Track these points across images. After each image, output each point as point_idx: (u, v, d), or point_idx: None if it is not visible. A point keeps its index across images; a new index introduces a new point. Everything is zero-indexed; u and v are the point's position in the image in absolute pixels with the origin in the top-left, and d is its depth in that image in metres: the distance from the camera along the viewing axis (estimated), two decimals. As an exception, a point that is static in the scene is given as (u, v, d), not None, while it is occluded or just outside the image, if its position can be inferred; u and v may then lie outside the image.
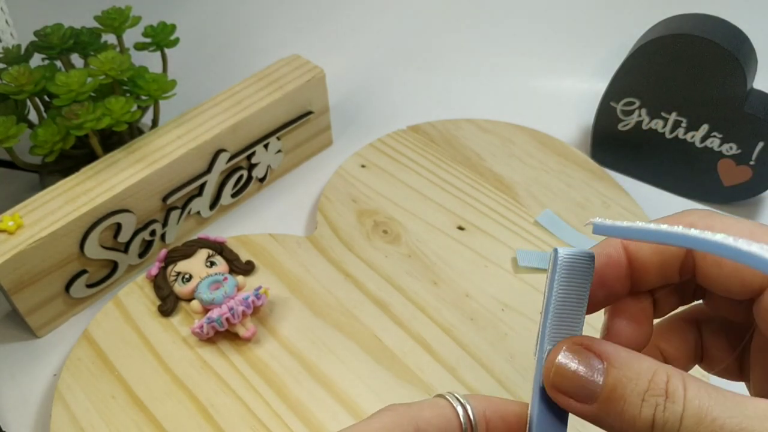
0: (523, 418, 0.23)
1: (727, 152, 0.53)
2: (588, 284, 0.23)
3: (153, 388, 0.43)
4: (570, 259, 0.22)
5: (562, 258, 0.22)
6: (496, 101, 0.65)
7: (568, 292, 0.22)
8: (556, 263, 0.22)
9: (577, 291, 0.22)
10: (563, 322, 0.23)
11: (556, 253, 0.22)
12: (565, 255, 0.22)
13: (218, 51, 0.71)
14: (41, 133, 0.47)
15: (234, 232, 0.53)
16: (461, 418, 0.23)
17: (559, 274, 0.22)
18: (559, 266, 0.22)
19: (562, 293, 0.22)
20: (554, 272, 0.22)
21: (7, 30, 0.62)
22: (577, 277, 0.22)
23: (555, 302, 0.22)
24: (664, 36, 0.51)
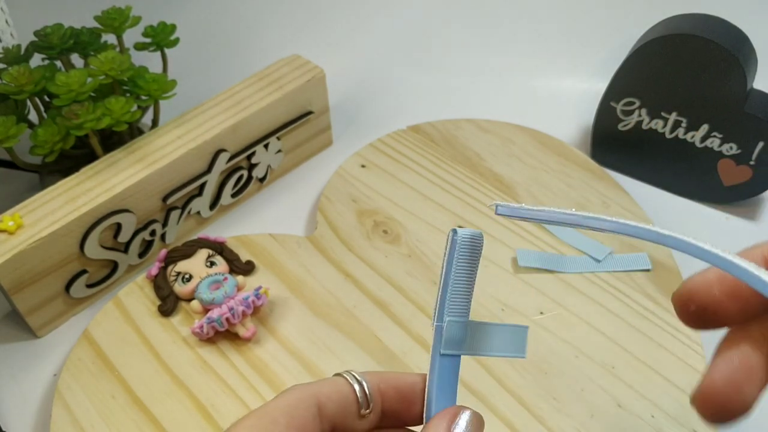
0: (416, 386, 0.26)
1: (727, 152, 0.53)
2: (477, 261, 0.25)
3: (153, 388, 0.43)
4: (467, 239, 0.25)
5: (461, 238, 0.25)
6: (496, 101, 0.65)
7: (463, 269, 0.25)
8: (454, 243, 0.25)
9: (470, 267, 0.25)
10: (459, 295, 0.25)
11: (455, 233, 0.25)
12: (463, 235, 0.25)
13: (218, 51, 0.71)
14: (41, 133, 0.47)
15: (234, 232, 0.53)
16: (357, 393, 0.25)
17: (458, 252, 0.25)
18: (458, 245, 0.25)
19: (459, 270, 0.25)
20: (453, 250, 0.25)
21: (7, 30, 0.62)
22: (471, 255, 0.25)
23: (453, 278, 0.25)
24: (664, 36, 0.51)
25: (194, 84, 0.59)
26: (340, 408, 0.25)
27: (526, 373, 0.43)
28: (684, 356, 0.44)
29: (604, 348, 0.44)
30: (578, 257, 0.50)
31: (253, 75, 0.55)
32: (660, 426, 0.40)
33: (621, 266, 0.49)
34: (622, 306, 0.47)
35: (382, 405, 0.26)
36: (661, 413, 0.41)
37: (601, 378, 0.43)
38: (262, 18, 0.73)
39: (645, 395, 0.42)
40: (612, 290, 0.48)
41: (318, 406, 0.24)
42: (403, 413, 0.26)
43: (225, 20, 0.74)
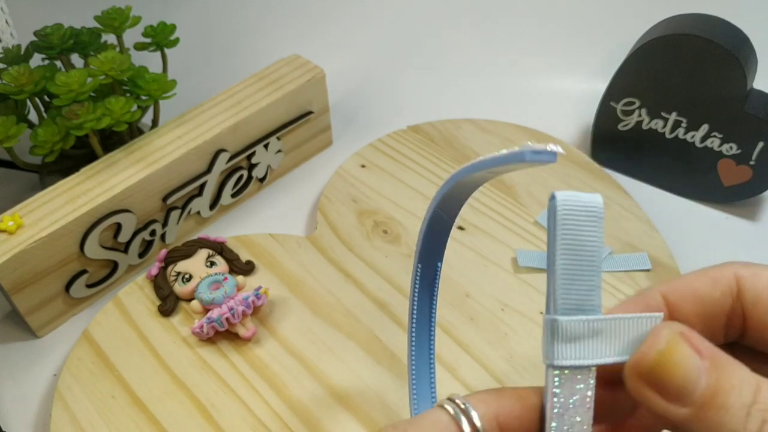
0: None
1: (727, 152, 0.53)
2: (600, 236, 0.18)
3: (153, 388, 0.43)
4: (572, 205, 0.18)
5: (561, 204, 0.18)
6: (496, 101, 0.65)
7: (572, 246, 0.18)
8: (554, 212, 0.18)
9: (588, 245, 0.18)
10: (573, 282, 0.18)
11: (553, 198, 0.18)
12: (564, 201, 0.18)
13: (218, 51, 0.71)
14: (41, 133, 0.47)
15: (234, 232, 0.53)
16: (464, 428, 0.20)
17: (560, 225, 0.18)
18: (558, 216, 0.18)
19: (565, 248, 0.18)
20: (554, 223, 0.18)
21: (7, 30, 0.62)
22: (584, 227, 0.18)
23: (560, 261, 0.18)
24: (664, 36, 0.51)
25: (194, 84, 0.59)
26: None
27: (526, 373, 0.43)
28: (684, 356, 0.44)
29: (604, 348, 0.44)
30: (578, 257, 0.50)
31: (253, 75, 0.55)
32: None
33: (621, 266, 0.49)
34: (622, 306, 0.47)
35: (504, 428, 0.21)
36: (661, 413, 0.41)
37: (601, 378, 0.43)
38: (262, 18, 0.73)
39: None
40: (612, 290, 0.48)
41: None
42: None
43: (225, 20, 0.74)
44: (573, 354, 0.19)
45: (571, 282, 0.19)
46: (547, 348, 0.19)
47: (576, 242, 0.18)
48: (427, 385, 0.29)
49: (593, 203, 0.19)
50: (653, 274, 0.49)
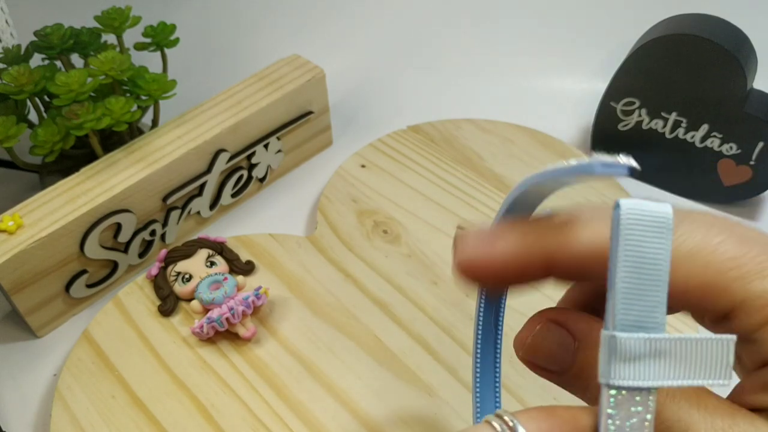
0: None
1: (727, 152, 0.53)
2: (667, 249, 0.17)
3: (153, 388, 0.43)
4: (638, 215, 0.17)
5: (625, 214, 0.17)
6: (496, 101, 0.65)
7: (636, 258, 0.17)
8: (617, 222, 0.17)
9: (654, 259, 0.17)
10: (635, 303, 0.17)
11: (618, 207, 0.17)
12: (629, 210, 0.17)
13: (218, 51, 0.71)
14: (41, 133, 0.47)
15: (234, 232, 0.53)
16: None
17: (623, 236, 0.17)
18: (622, 226, 0.17)
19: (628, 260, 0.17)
20: (617, 233, 0.17)
21: (7, 30, 0.62)
22: (650, 239, 0.17)
23: (621, 274, 0.17)
24: (664, 36, 0.51)
25: (194, 84, 0.59)
26: None
27: (526, 373, 0.43)
28: (684, 356, 0.44)
29: (604, 348, 0.44)
30: (578, 257, 0.50)
31: (253, 75, 0.55)
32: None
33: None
34: (622, 306, 0.47)
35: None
36: (661, 413, 0.41)
37: (601, 378, 0.43)
38: (262, 18, 0.73)
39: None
40: (612, 290, 0.48)
41: None
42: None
43: (225, 20, 0.74)
44: (632, 374, 0.18)
45: (633, 298, 0.18)
46: (603, 366, 0.18)
47: (640, 255, 0.18)
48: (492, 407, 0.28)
49: (662, 214, 0.18)
50: (653, 274, 0.48)
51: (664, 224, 0.18)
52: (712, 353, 0.18)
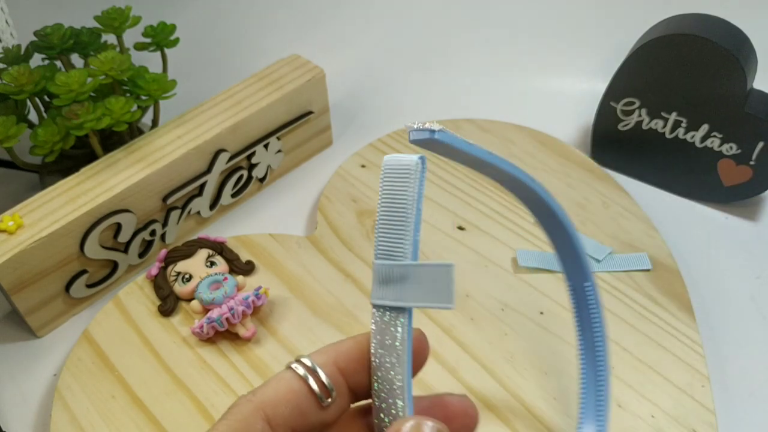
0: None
1: (727, 152, 0.53)
2: (409, 191, 0.21)
3: (153, 388, 0.43)
4: (392, 164, 0.21)
5: (384, 165, 0.21)
6: (496, 101, 0.65)
7: (390, 202, 0.21)
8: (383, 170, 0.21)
9: (400, 199, 0.21)
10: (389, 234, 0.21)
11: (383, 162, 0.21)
12: (387, 162, 0.21)
13: (218, 51, 0.71)
14: (41, 133, 0.47)
15: (234, 232, 0.53)
16: (312, 385, 0.22)
17: (382, 181, 0.21)
18: (382, 174, 0.21)
19: (385, 203, 0.21)
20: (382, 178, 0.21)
21: (7, 30, 0.62)
22: (398, 183, 0.21)
23: (380, 214, 0.21)
24: (664, 36, 0.51)
25: (194, 84, 0.59)
26: (295, 409, 0.22)
27: (526, 373, 0.43)
28: (684, 356, 0.44)
29: (604, 348, 0.44)
30: (578, 257, 0.50)
31: (253, 75, 0.55)
32: (660, 426, 0.40)
33: (621, 266, 0.49)
34: (622, 306, 0.47)
35: (348, 383, 0.23)
36: (661, 413, 0.41)
37: (601, 378, 0.43)
38: (262, 18, 0.73)
39: (645, 395, 0.42)
40: (612, 290, 0.48)
41: (266, 419, 0.21)
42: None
43: (225, 20, 0.74)
44: (386, 295, 0.21)
45: (386, 231, 0.21)
46: (372, 291, 0.21)
47: (391, 196, 0.21)
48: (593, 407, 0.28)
49: (407, 161, 0.21)
50: (653, 274, 0.48)
51: (409, 170, 0.21)
52: (438, 278, 0.21)
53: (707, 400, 0.41)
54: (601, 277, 0.48)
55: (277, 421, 0.22)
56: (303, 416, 0.22)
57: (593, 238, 0.51)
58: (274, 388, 0.22)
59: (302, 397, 0.22)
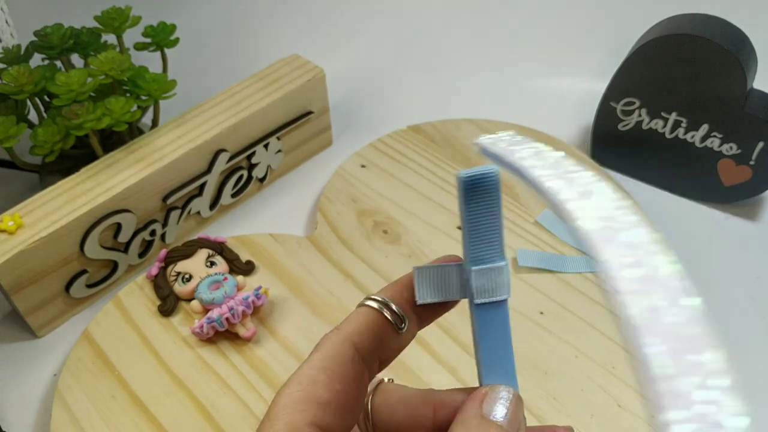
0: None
1: (727, 152, 0.53)
2: (494, 200, 0.23)
3: (153, 388, 0.43)
4: (471, 181, 0.23)
5: (463, 182, 0.23)
6: (496, 101, 0.65)
7: (477, 213, 0.23)
8: (460, 188, 0.23)
9: (487, 209, 0.23)
10: (480, 241, 0.23)
11: (459, 177, 0.23)
12: (466, 177, 0.23)
13: (218, 51, 0.71)
14: (41, 133, 0.47)
15: (234, 232, 0.53)
16: (388, 317, 0.25)
17: (465, 197, 0.23)
18: (463, 190, 0.23)
19: (472, 215, 0.23)
20: (461, 196, 0.23)
21: (7, 30, 0.62)
22: (483, 196, 0.23)
23: (468, 225, 0.23)
24: (664, 36, 0.51)
25: (194, 84, 0.59)
26: (377, 338, 0.25)
27: (526, 373, 0.43)
28: (684, 356, 0.44)
29: (604, 348, 0.44)
30: (578, 257, 0.50)
31: (253, 75, 0.55)
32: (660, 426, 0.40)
33: (621, 266, 0.49)
34: (622, 306, 0.47)
35: (416, 311, 0.26)
36: (661, 413, 0.41)
37: (601, 378, 0.43)
38: (262, 18, 0.73)
39: (645, 395, 0.42)
40: (612, 290, 0.48)
41: (354, 348, 0.24)
42: (439, 308, 0.26)
43: (225, 20, 0.74)
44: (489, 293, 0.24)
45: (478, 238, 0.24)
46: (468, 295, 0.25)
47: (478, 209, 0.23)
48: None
49: (490, 173, 0.23)
50: (653, 274, 0.48)
51: (495, 181, 0.23)
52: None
53: (707, 400, 0.41)
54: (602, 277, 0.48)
55: (363, 348, 0.24)
56: (383, 343, 0.25)
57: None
58: (356, 321, 0.25)
59: (381, 327, 0.25)
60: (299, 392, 0.22)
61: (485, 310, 0.24)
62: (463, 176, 0.23)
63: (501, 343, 0.25)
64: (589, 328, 0.46)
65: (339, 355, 0.24)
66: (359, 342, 0.24)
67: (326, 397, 0.22)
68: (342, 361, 0.23)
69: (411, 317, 0.25)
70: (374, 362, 0.25)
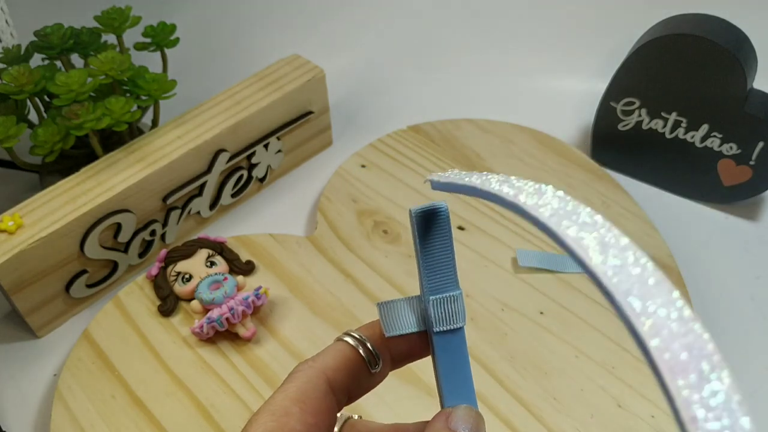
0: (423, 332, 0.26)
1: (727, 152, 0.53)
2: (448, 231, 0.24)
3: (153, 388, 0.43)
4: (421, 215, 0.24)
5: (415, 216, 0.24)
6: (496, 101, 0.65)
7: (429, 244, 0.24)
8: (412, 221, 0.24)
9: (439, 239, 0.24)
10: (435, 271, 0.25)
11: (411, 212, 0.24)
12: (417, 212, 0.24)
13: (218, 51, 0.71)
14: (41, 133, 0.47)
15: (234, 232, 0.53)
16: (363, 354, 0.25)
17: (417, 230, 0.24)
18: (415, 223, 0.24)
19: (425, 246, 0.24)
20: (413, 229, 0.24)
21: (7, 30, 0.62)
22: (434, 228, 0.24)
23: (422, 256, 0.24)
24: (664, 36, 0.51)
25: (194, 84, 0.59)
26: (351, 375, 0.25)
27: (526, 373, 0.43)
28: (684, 356, 0.44)
29: (604, 348, 0.44)
30: (578, 257, 0.50)
31: (253, 75, 0.55)
32: (660, 426, 0.40)
33: (621, 266, 0.49)
34: (622, 306, 0.47)
35: (390, 352, 0.26)
36: (661, 413, 0.41)
37: (601, 378, 0.43)
38: (262, 18, 0.73)
39: (645, 395, 0.42)
40: (612, 290, 0.48)
41: (328, 383, 0.24)
42: (411, 350, 0.26)
43: (225, 20, 0.74)
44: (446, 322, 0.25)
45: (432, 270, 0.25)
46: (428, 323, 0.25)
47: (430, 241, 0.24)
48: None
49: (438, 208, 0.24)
50: (653, 274, 0.48)
51: (443, 215, 0.24)
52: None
53: (707, 400, 0.41)
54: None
55: (336, 385, 0.25)
56: (356, 381, 0.25)
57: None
58: (332, 356, 0.25)
59: (356, 365, 0.25)
60: (272, 423, 0.23)
61: (444, 338, 0.25)
62: (416, 211, 0.24)
63: (460, 368, 0.25)
64: (589, 328, 0.46)
65: (313, 389, 0.24)
66: (333, 378, 0.25)
67: (298, 430, 0.23)
68: (316, 395, 0.24)
69: (385, 357, 0.26)
70: (344, 396, 0.25)
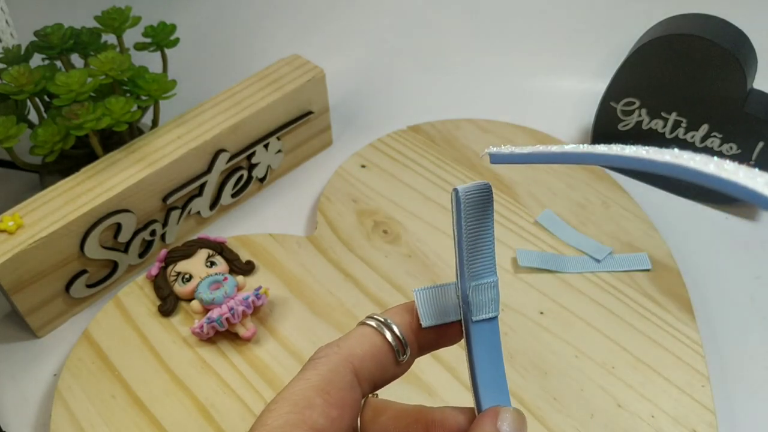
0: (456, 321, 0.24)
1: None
2: (489, 215, 0.23)
3: (153, 388, 0.43)
4: (471, 195, 0.23)
5: (464, 195, 0.23)
6: (496, 101, 0.65)
7: (474, 226, 0.23)
8: (458, 202, 0.23)
9: (481, 223, 0.23)
10: (477, 255, 0.23)
11: (456, 192, 0.23)
12: (466, 191, 0.23)
13: (218, 51, 0.71)
14: (41, 133, 0.47)
15: (234, 232, 0.53)
16: (390, 341, 0.23)
17: (464, 211, 0.23)
18: (463, 204, 0.23)
19: (470, 228, 0.23)
20: (459, 210, 0.23)
21: (7, 30, 0.62)
22: (479, 210, 0.23)
23: (466, 239, 0.23)
24: (664, 36, 0.51)
25: (194, 84, 0.59)
26: (378, 365, 0.23)
27: (526, 373, 0.43)
28: (684, 356, 0.44)
29: (604, 348, 0.44)
30: (578, 257, 0.50)
31: (253, 75, 0.55)
32: (660, 426, 0.40)
33: (621, 266, 0.49)
34: (622, 306, 0.47)
35: (419, 341, 0.24)
36: (661, 413, 0.41)
37: (601, 378, 0.43)
38: (262, 18, 0.73)
39: (645, 395, 0.42)
40: (612, 290, 0.48)
41: (354, 373, 0.22)
42: (440, 338, 0.24)
43: (225, 20, 0.74)
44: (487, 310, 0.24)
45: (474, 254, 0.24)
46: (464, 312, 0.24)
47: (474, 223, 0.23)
48: None
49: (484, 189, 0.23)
50: (653, 274, 0.49)
51: (485, 199, 0.23)
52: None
53: (707, 400, 0.41)
54: (601, 277, 0.48)
55: (362, 374, 0.23)
56: (382, 370, 0.23)
57: (593, 238, 0.51)
58: (359, 342, 0.23)
59: (384, 353, 0.23)
60: (293, 414, 0.21)
61: (481, 327, 0.24)
62: (464, 189, 0.23)
63: (495, 359, 0.24)
64: (589, 328, 0.46)
65: (338, 379, 0.22)
66: (360, 367, 0.23)
67: (321, 424, 0.21)
68: (341, 386, 0.22)
69: (413, 346, 0.24)
70: (369, 387, 0.23)
